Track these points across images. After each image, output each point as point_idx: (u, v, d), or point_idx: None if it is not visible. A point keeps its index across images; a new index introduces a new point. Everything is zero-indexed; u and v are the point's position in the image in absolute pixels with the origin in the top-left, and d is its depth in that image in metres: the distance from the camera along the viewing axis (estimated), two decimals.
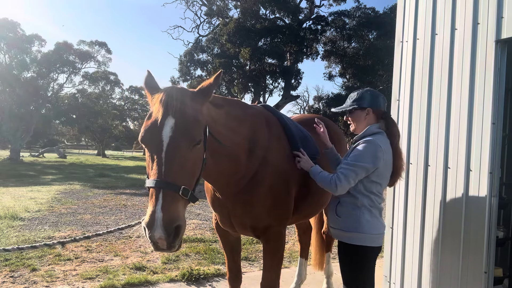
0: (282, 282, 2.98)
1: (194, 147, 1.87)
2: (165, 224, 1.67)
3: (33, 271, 4.63)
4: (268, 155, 2.55)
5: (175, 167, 1.78)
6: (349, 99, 2.61)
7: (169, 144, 1.79)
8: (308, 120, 3.52)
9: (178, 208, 1.76)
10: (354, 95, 2.60)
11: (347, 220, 2.45)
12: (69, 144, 71.85)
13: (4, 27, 28.97)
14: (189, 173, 1.87)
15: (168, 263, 5.11)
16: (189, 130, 1.85)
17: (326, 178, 2.41)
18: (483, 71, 2.83)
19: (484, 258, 2.76)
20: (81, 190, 12.52)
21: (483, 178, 2.78)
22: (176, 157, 1.79)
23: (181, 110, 1.86)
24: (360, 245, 2.39)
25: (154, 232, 1.67)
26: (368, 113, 2.54)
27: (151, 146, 1.83)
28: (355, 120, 2.58)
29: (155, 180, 1.74)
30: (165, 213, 1.69)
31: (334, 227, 2.56)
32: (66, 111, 36.92)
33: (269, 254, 2.67)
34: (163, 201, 1.71)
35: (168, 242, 1.70)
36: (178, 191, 1.76)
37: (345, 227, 2.46)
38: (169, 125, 1.82)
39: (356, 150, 2.41)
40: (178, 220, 1.73)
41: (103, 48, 35.63)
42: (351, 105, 2.56)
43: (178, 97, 1.89)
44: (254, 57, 24.30)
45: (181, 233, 1.76)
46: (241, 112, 2.54)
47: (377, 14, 25.26)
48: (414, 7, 3.47)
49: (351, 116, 2.60)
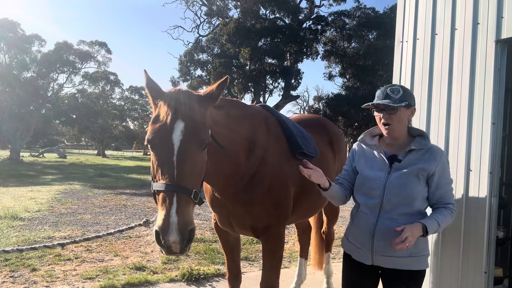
0: (282, 282, 2.98)
1: (202, 151, 1.88)
2: (180, 228, 1.67)
3: (33, 271, 4.63)
4: (267, 155, 2.55)
5: (186, 171, 1.78)
6: (391, 92, 2.13)
7: (180, 147, 1.79)
8: (307, 120, 3.52)
9: (190, 211, 1.77)
10: (397, 88, 2.15)
11: (416, 244, 2.05)
12: (69, 144, 71.85)
13: (4, 27, 28.95)
14: (198, 176, 1.88)
15: (168, 263, 5.10)
16: (199, 133, 1.85)
17: (447, 218, 2.06)
18: (483, 71, 2.83)
19: (484, 258, 2.76)
20: (81, 190, 12.52)
21: (483, 178, 2.78)
22: (187, 161, 1.79)
23: (190, 114, 1.86)
24: (424, 269, 2.16)
25: (169, 236, 1.66)
26: (412, 113, 2.18)
27: (160, 149, 1.82)
28: (398, 120, 2.11)
29: (166, 184, 1.73)
30: (180, 217, 1.69)
31: (400, 255, 2.07)
32: (66, 111, 36.92)
33: (269, 254, 2.67)
34: (177, 205, 1.70)
35: (182, 246, 1.70)
36: (190, 194, 1.76)
37: (416, 252, 2.10)
38: (179, 128, 1.82)
39: (444, 167, 2.11)
40: (192, 224, 1.75)
41: (103, 48, 35.63)
42: (400, 101, 2.08)
43: (186, 101, 1.89)
44: (254, 57, 24.30)
45: (193, 236, 1.77)
46: (240, 112, 2.54)
47: (377, 14, 25.27)
48: (414, 7, 3.47)
49: (393, 115, 2.10)
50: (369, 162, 2.23)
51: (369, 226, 2.15)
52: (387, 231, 2.06)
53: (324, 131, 3.43)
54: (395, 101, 2.08)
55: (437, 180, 2.10)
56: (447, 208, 2.09)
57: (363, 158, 2.28)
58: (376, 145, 2.24)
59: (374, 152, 2.23)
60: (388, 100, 2.10)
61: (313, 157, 2.80)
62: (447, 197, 2.12)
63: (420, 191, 2.09)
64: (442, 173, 2.11)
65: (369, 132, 2.34)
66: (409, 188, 2.08)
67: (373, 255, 2.14)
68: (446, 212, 2.07)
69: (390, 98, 2.11)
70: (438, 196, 2.12)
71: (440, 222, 2.02)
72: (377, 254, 2.12)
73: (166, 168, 1.77)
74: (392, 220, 2.09)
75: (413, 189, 2.08)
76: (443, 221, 2.04)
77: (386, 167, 2.15)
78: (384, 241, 2.08)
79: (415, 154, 2.12)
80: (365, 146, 2.30)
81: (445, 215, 2.06)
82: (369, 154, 2.25)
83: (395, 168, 2.13)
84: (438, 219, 2.02)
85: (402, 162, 2.12)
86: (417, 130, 2.22)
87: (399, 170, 2.11)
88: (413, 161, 2.11)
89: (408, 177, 2.08)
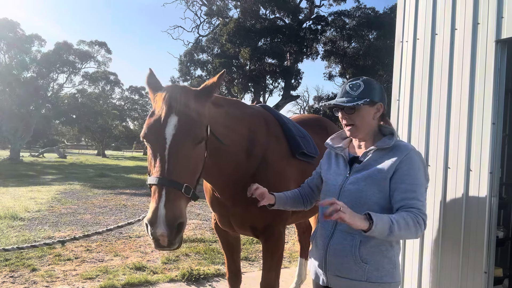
0: (282, 282, 2.98)
1: (196, 146, 1.88)
2: (167, 221, 1.69)
3: (33, 271, 4.63)
4: (267, 155, 2.55)
5: (177, 165, 1.79)
6: (350, 89, 1.87)
7: (172, 142, 1.80)
8: (307, 120, 3.53)
9: (181, 205, 1.77)
10: (358, 83, 1.87)
11: (380, 267, 1.75)
12: (69, 144, 71.78)
13: (4, 27, 28.95)
14: (191, 171, 1.88)
15: (168, 263, 5.11)
16: (192, 128, 1.86)
17: (409, 223, 1.62)
18: (483, 71, 2.83)
19: (484, 258, 2.76)
20: (81, 190, 12.52)
21: (483, 178, 2.78)
22: (179, 155, 1.81)
23: (184, 109, 1.87)
24: None
25: (157, 228, 1.68)
26: (378, 110, 1.89)
27: (154, 144, 1.84)
28: (360, 119, 1.86)
29: (157, 178, 1.75)
30: (168, 210, 1.70)
31: (353, 278, 1.77)
32: (66, 111, 36.91)
33: (269, 254, 2.67)
34: (166, 198, 1.72)
35: (170, 239, 1.71)
36: (181, 188, 1.76)
37: (377, 277, 1.75)
38: (172, 123, 1.83)
39: (409, 164, 1.75)
40: (180, 217, 1.75)
41: (103, 48, 35.67)
42: (358, 99, 1.82)
43: (181, 95, 1.91)
44: (254, 57, 24.29)
45: (183, 231, 1.78)
46: (240, 112, 2.54)
47: (377, 14, 25.25)
48: (414, 7, 3.47)
49: (353, 114, 1.85)
50: (331, 167, 2.00)
51: (324, 239, 1.89)
52: (341, 246, 1.79)
53: (324, 131, 3.43)
54: (353, 98, 1.82)
55: (398, 178, 1.73)
56: (409, 212, 1.66)
57: (327, 163, 2.07)
58: (341, 148, 2.01)
59: (339, 155, 2.01)
60: (345, 98, 1.85)
61: (314, 157, 2.80)
62: (412, 202, 1.68)
63: (379, 198, 1.76)
64: (406, 171, 1.73)
65: (339, 134, 2.13)
66: (364, 194, 1.77)
67: (327, 274, 1.86)
68: (407, 216, 1.63)
69: (348, 96, 1.85)
70: (400, 199, 1.71)
71: (396, 222, 1.59)
72: (330, 273, 1.84)
73: (159, 162, 1.79)
74: (347, 234, 1.79)
75: (369, 195, 1.76)
76: (400, 223, 1.60)
77: (345, 171, 1.90)
78: (337, 258, 1.80)
79: (378, 154, 1.83)
80: (332, 150, 2.07)
81: (405, 218, 1.62)
82: (334, 158, 2.04)
83: (354, 171, 1.86)
84: (393, 218, 1.61)
85: (361, 164, 1.85)
86: (388, 129, 1.91)
87: (357, 173, 1.82)
88: (373, 162, 1.82)
89: (365, 181, 1.76)
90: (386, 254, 1.78)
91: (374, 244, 1.76)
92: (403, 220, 1.62)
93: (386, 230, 1.58)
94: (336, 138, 2.11)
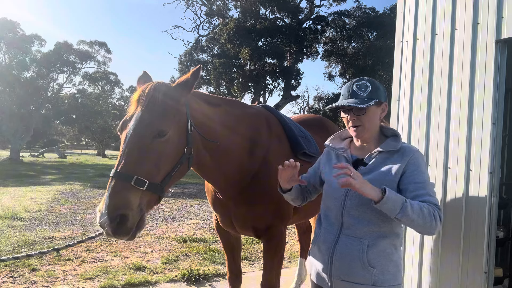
0: (282, 282, 2.98)
1: (158, 140, 1.88)
2: (109, 211, 1.73)
3: (33, 271, 4.63)
4: (268, 155, 2.55)
5: (130, 158, 1.83)
6: (358, 89, 1.83)
7: (131, 135, 1.86)
8: (308, 120, 3.53)
9: (126, 197, 1.78)
10: (365, 84, 1.84)
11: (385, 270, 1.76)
12: (69, 144, 71.77)
13: (3, 27, 28.93)
14: (151, 165, 1.86)
15: (168, 263, 5.11)
16: (154, 123, 1.88)
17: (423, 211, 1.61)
18: (483, 71, 2.83)
19: (484, 258, 2.76)
20: (81, 190, 12.52)
21: (483, 178, 2.78)
22: (134, 148, 1.84)
23: (150, 103, 1.92)
24: None
25: (101, 218, 1.74)
26: (384, 110, 1.87)
27: (121, 138, 1.93)
28: (368, 120, 1.82)
29: (113, 171, 1.82)
30: (110, 201, 1.75)
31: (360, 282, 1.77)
32: (66, 111, 36.92)
33: (270, 254, 2.67)
34: (111, 189, 1.77)
35: (112, 228, 1.74)
36: (130, 181, 1.78)
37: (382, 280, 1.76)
38: (135, 117, 1.90)
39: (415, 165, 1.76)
40: (123, 209, 1.76)
41: (103, 48, 35.61)
42: (368, 99, 1.78)
43: (149, 90, 1.95)
44: (254, 57, 24.29)
45: (129, 223, 1.78)
46: (241, 111, 2.54)
47: (377, 14, 25.27)
48: (414, 7, 3.47)
49: (363, 115, 1.81)
50: (334, 168, 1.86)
51: (329, 243, 1.86)
52: (348, 251, 1.78)
53: (325, 131, 3.43)
54: (363, 100, 1.78)
55: (406, 180, 1.74)
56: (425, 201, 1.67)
57: (328, 165, 2.01)
58: (343, 149, 1.96)
59: (340, 156, 1.96)
60: (355, 99, 1.80)
61: (315, 157, 2.81)
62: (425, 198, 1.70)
63: None
64: (414, 172, 1.74)
65: (338, 135, 2.08)
66: None
67: (331, 278, 1.85)
68: (423, 204, 1.64)
69: (357, 97, 1.80)
70: (411, 197, 1.71)
71: (410, 204, 1.59)
72: (335, 277, 1.83)
73: (119, 156, 1.86)
74: (354, 238, 1.78)
75: None
76: (414, 207, 1.59)
77: None
78: (343, 263, 1.79)
79: (383, 157, 1.82)
80: (332, 151, 2.03)
81: (420, 205, 1.63)
82: (334, 159, 2.00)
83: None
84: (408, 200, 1.61)
85: (367, 166, 1.82)
86: (391, 130, 1.90)
87: (363, 176, 1.74)
88: (380, 164, 1.80)
89: (372, 184, 1.68)
90: (392, 257, 1.79)
91: (381, 248, 1.77)
92: (418, 206, 1.62)
93: (398, 206, 1.58)
94: (335, 139, 2.07)
